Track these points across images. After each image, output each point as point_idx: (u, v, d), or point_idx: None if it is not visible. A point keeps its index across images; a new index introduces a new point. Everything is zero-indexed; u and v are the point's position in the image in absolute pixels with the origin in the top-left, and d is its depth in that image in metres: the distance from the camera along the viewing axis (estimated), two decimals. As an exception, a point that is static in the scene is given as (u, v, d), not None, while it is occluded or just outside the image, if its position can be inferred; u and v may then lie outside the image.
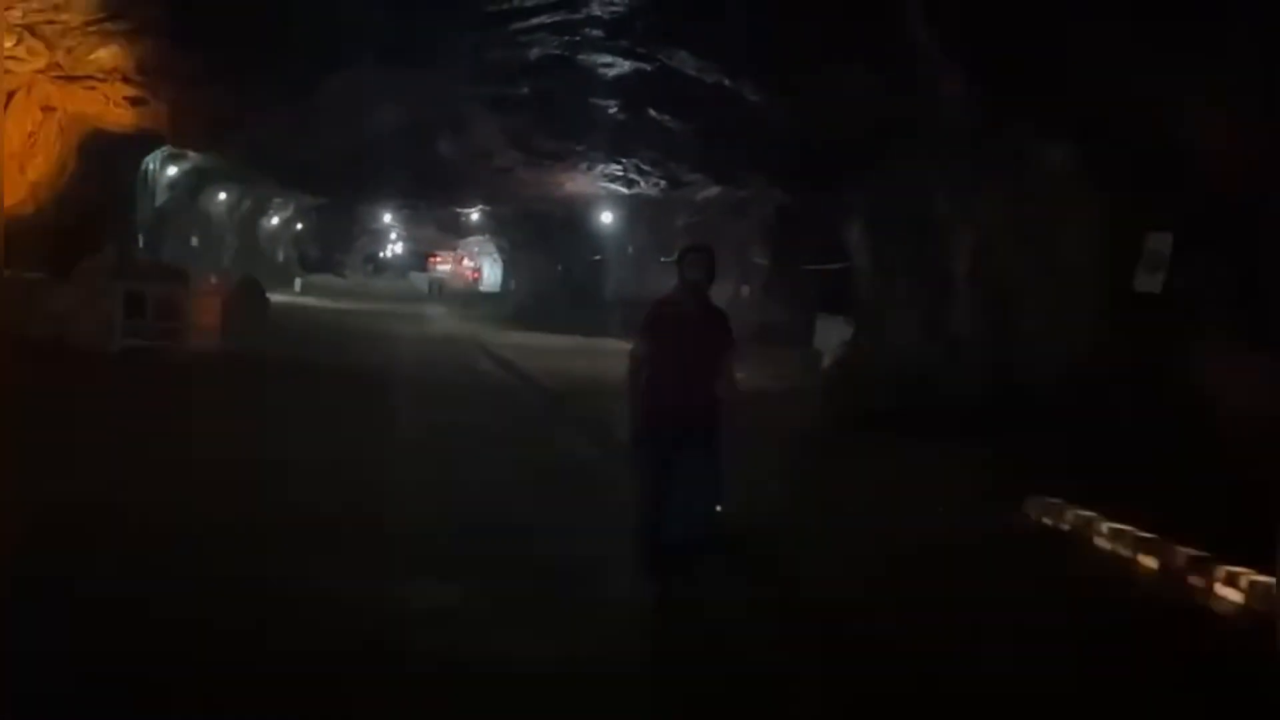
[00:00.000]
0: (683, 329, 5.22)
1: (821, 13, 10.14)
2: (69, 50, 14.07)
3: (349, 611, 4.85)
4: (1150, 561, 6.20)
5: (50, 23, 13.12)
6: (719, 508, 5.22)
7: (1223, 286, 6.84)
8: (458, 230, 46.67)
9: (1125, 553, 6.41)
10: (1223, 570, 5.68)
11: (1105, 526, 6.67)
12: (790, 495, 7.82)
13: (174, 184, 27.51)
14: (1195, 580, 5.83)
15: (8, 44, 13.43)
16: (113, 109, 16.85)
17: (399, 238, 66.17)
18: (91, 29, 13.44)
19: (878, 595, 5.57)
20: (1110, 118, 7.64)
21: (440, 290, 50.81)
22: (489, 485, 8.20)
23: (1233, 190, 6.63)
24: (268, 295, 20.03)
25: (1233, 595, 5.55)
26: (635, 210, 25.63)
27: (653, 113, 16.13)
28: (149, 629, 4.37)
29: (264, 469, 7.81)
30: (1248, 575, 5.51)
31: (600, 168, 21.40)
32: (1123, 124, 7.53)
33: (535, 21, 13.10)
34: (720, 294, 5.53)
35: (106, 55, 14.41)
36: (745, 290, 20.33)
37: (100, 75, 15.31)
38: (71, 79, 15.46)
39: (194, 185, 29.43)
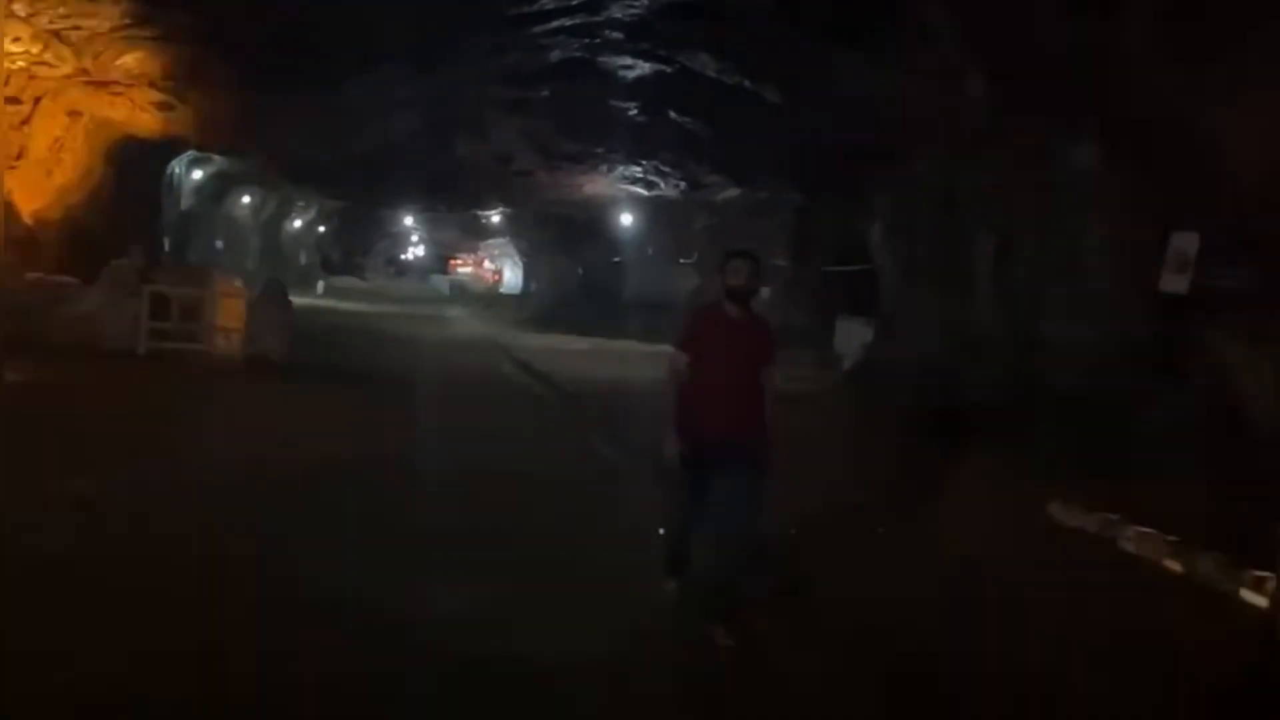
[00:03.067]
0: (726, 338, 5.00)
1: (842, 14, 10.11)
2: (96, 56, 14.22)
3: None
4: (1175, 566, 6.14)
5: (77, 29, 13.25)
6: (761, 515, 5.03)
7: (1251, 286, 6.76)
8: (478, 233, 46.81)
9: (1151, 556, 6.35)
10: (1249, 575, 5.61)
11: (1131, 530, 6.61)
12: (813, 501, 7.79)
13: (199, 188, 27.78)
14: (1222, 585, 5.76)
15: (34, 49, 13.60)
16: (139, 114, 17.03)
17: (420, 240, 66.44)
18: (118, 35, 13.57)
19: (903, 600, 5.54)
20: (1134, 117, 7.58)
21: (461, 292, 51.05)
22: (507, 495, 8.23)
23: (1260, 189, 6.56)
24: (290, 298, 20.13)
25: (1258, 600, 5.49)
26: (655, 212, 25.63)
27: (673, 115, 16.15)
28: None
29: (294, 470, 7.88)
30: (1273, 579, 5.44)
31: (620, 170, 21.43)
32: (1146, 123, 7.47)
33: (555, 24, 13.14)
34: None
35: (133, 61, 14.54)
36: (765, 292, 20.25)
37: (127, 81, 15.47)
38: (99, 84, 15.62)
39: (219, 189, 29.71)
